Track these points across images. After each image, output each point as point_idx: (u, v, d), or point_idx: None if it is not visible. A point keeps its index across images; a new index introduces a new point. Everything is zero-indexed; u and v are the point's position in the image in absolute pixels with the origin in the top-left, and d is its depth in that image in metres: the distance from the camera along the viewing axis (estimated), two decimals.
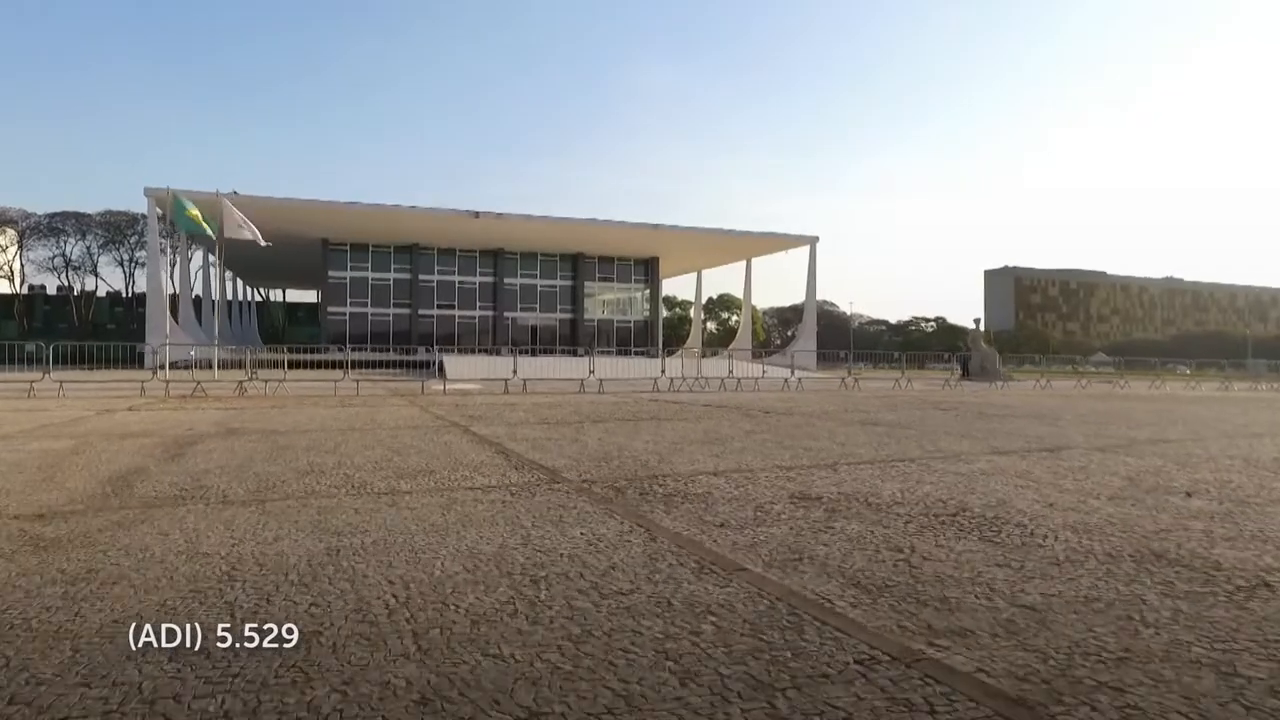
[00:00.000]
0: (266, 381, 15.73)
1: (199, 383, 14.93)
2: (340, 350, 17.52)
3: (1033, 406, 12.95)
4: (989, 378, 30.79)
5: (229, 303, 60.30)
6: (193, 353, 22.19)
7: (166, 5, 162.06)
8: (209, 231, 25.05)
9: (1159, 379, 27.39)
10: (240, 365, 22.53)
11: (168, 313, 29.96)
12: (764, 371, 20.91)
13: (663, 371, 19.03)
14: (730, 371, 19.96)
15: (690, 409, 11.34)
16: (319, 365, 21.24)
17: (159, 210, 36.95)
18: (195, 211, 24.88)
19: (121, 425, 8.23)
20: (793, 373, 21.18)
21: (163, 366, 22.94)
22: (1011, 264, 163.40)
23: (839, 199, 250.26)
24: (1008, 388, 22.91)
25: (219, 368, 21.54)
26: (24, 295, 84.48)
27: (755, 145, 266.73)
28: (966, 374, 34.59)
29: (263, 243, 25.10)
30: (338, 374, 17.30)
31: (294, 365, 22.14)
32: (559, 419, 9.28)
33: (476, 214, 43.30)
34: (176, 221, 25.76)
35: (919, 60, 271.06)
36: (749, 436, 7.30)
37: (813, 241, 51.05)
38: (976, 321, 44.35)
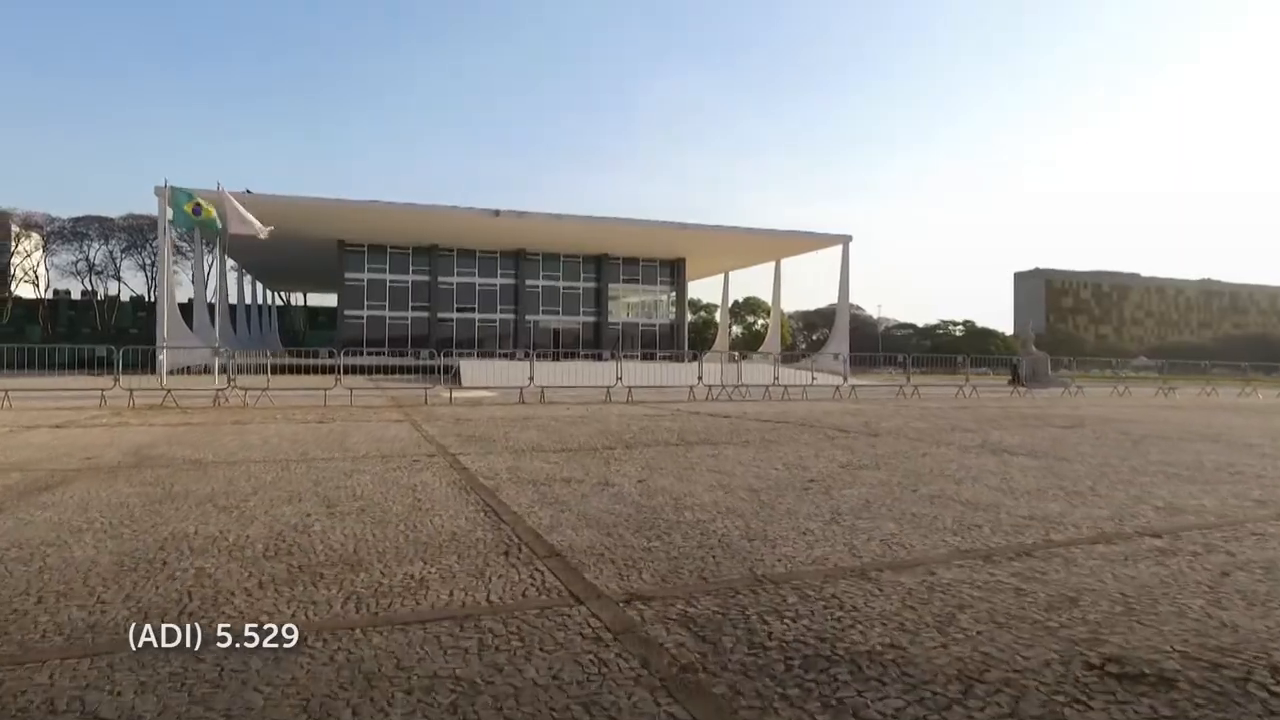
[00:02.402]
0: (246, 390, 13.76)
1: (169, 391, 13.00)
2: (333, 355, 15.52)
3: (1168, 422, 10.53)
4: (1041, 383, 28.34)
5: (248, 307, 59.26)
6: (161, 355, 20.33)
7: (178, 8, 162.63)
8: (210, 225, 23.58)
9: (1249, 385, 24.65)
10: (255, 369, 20.71)
11: (167, 313, 28.25)
12: (813, 378, 18.62)
13: (699, 378, 16.78)
14: (776, 378, 17.65)
15: (745, 425, 9.13)
16: (319, 371, 19.30)
17: (169, 210, 35.61)
18: (193, 206, 23.39)
19: (1, 452, 6.22)
20: (845, 379, 18.82)
21: (156, 371, 21.23)
22: (1042, 266, 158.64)
23: (859, 203, 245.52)
24: (1082, 394, 20.36)
25: (220, 373, 19.73)
26: (49, 300, 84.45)
27: (772, 152, 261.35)
28: (1017, 379, 32.23)
29: (263, 234, 23.49)
30: (348, 380, 15.31)
31: (300, 370, 20.27)
32: (582, 442, 7.13)
33: (497, 212, 41.42)
34: (175, 219, 24.27)
35: (933, 64, 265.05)
36: (856, 476, 5.08)
37: (845, 241, 48.38)
38: (1028, 325, 41.88)
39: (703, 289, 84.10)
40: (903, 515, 3.74)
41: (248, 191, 30.92)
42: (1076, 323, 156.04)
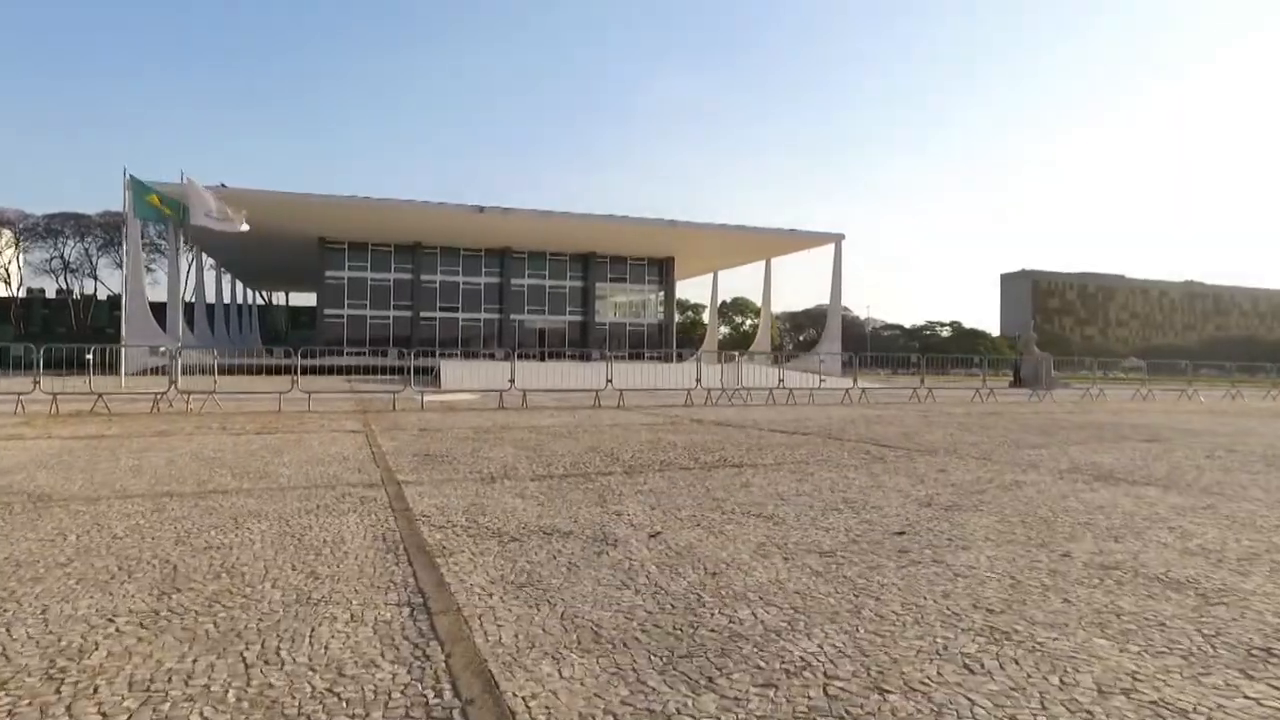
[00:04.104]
0: (189, 395, 12.16)
1: (99, 395, 11.39)
2: (289, 354, 13.97)
3: (1251, 433, 9.19)
4: (1047, 384, 27.31)
5: (227, 306, 57.22)
6: (90, 355, 18.58)
7: (165, 7, 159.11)
8: (172, 214, 22.10)
9: (1274, 389, 23.52)
10: (218, 369, 19.06)
11: (126, 311, 26.50)
12: (821, 380, 17.18)
13: (697, 381, 15.28)
14: (780, 380, 16.20)
15: (764, 438, 7.67)
16: (289, 371, 17.68)
17: (133, 202, 33.73)
18: (155, 197, 21.90)
19: None
20: (854, 382, 17.39)
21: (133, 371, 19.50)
22: (1028, 267, 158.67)
23: (854, 204, 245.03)
24: (1104, 397, 19.07)
25: (182, 373, 18.04)
26: (22, 299, 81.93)
27: (771, 152, 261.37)
28: (1018, 380, 31.31)
29: (243, 227, 21.96)
30: (313, 382, 13.66)
31: (272, 371, 18.62)
32: (570, 463, 5.64)
33: (481, 208, 39.80)
34: (136, 210, 22.65)
35: (924, 68, 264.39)
36: (955, 523, 3.62)
37: (838, 240, 46.99)
38: (1029, 327, 40.84)
39: (689, 289, 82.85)
40: (1098, 615, 2.28)
41: (222, 185, 29.19)
42: (1063, 323, 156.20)
